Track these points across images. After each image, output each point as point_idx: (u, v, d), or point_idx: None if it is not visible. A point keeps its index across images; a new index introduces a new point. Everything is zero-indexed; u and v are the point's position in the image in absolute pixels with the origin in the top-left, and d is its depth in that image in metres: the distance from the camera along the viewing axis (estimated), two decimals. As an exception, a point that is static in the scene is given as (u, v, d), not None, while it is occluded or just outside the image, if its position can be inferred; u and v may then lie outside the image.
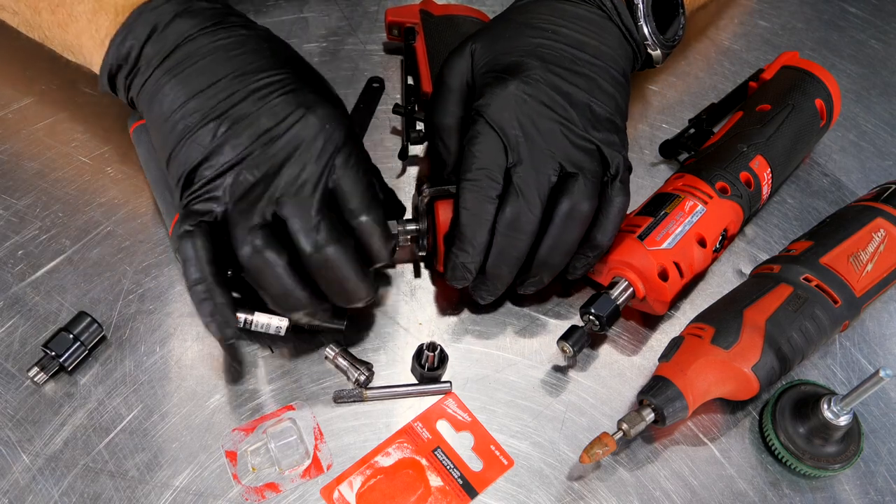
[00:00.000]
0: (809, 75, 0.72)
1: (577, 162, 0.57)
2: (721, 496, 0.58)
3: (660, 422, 0.57)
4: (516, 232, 0.57)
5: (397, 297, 0.66)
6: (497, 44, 0.61)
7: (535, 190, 0.56)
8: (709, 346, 0.58)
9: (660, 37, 0.64)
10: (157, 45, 0.55)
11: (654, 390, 0.57)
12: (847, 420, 0.57)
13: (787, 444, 0.58)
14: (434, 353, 0.61)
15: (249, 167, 0.53)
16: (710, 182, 0.65)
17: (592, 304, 0.61)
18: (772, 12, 0.90)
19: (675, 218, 0.63)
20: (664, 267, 0.61)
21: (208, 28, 0.56)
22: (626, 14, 0.62)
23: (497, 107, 0.58)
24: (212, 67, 0.55)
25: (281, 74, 0.56)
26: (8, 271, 0.64)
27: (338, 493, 0.56)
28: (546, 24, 0.61)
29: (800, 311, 0.59)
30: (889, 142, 0.80)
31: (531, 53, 0.60)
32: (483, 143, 0.57)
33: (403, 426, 0.60)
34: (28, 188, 0.69)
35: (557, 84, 0.59)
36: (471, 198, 0.57)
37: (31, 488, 0.55)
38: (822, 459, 0.58)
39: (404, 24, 0.78)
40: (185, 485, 0.56)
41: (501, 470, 0.58)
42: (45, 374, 0.58)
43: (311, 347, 0.63)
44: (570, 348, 0.60)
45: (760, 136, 0.68)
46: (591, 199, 0.57)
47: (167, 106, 0.55)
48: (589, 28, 0.61)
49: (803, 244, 0.64)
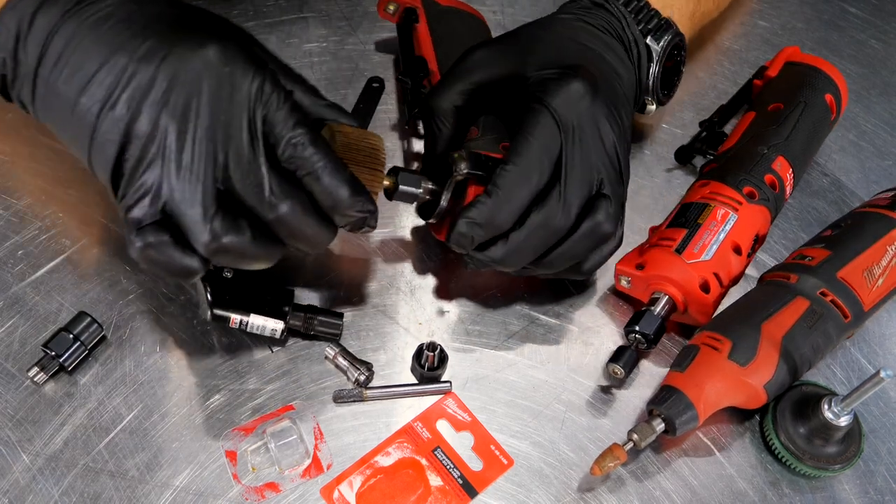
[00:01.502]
0: (816, 71, 0.72)
1: (613, 183, 0.57)
2: (721, 496, 0.58)
3: (670, 432, 0.57)
4: (544, 232, 0.56)
5: (397, 297, 0.66)
6: (551, 48, 0.60)
7: (576, 197, 0.55)
8: (726, 360, 0.57)
9: (660, 94, 0.66)
10: (29, 46, 0.49)
11: (666, 402, 0.56)
12: (848, 420, 0.56)
13: (787, 445, 0.58)
14: (434, 353, 0.61)
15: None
16: (737, 188, 0.65)
17: (637, 322, 0.60)
18: (772, 12, 0.90)
19: (709, 228, 0.62)
20: (705, 279, 0.61)
21: (72, 11, 0.49)
22: (645, 65, 0.64)
23: (563, 100, 0.56)
24: (93, 49, 0.48)
25: (158, 34, 0.48)
26: (8, 271, 0.64)
27: (338, 493, 0.56)
28: (593, 45, 0.61)
29: (814, 327, 0.59)
30: (889, 142, 0.80)
31: (590, 63, 0.59)
32: (542, 131, 0.55)
33: (403, 426, 0.60)
34: (28, 188, 0.69)
35: (613, 100, 0.58)
36: (510, 183, 0.55)
37: (31, 488, 0.55)
38: (822, 460, 0.58)
39: (403, 3, 0.77)
40: (185, 485, 0.56)
41: (501, 470, 0.58)
42: (45, 374, 0.58)
43: (311, 347, 0.63)
44: (620, 370, 0.60)
45: (778, 136, 0.68)
46: (615, 223, 0.57)
47: (62, 111, 0.49)
48: (621, 63, 0.62)
49: (820, 252, 0.63)
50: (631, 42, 0.63)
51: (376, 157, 0.57)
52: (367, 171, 0.56)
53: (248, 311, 0.58)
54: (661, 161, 0.76)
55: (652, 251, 0.63)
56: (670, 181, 0.75)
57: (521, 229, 0.55)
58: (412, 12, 0.77)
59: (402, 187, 0.58)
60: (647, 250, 0.63)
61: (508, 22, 0.84)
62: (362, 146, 0.56)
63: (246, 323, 0.59)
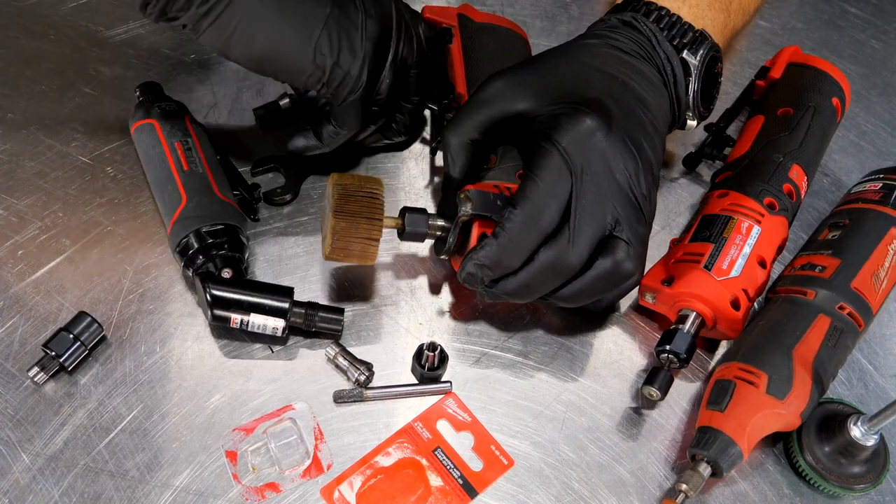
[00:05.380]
0: (822, 74, 0.72)
1: (632, 221, 0.55)
2: (721, 496, 0.58)
3: (717, 474, 0.56)
4: (552, 273, 0.54)
5: (397, 297, 0.66)
6: (567, 80, 0.58)
7: (586, 238, 0.53)
8: (764, 396, 0.56)
9: (700, 108, 0.62)
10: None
11: (712, 446, 0.55)
12: (875, 441, 0.56)
13: (812, 464, 0.57)
14: (434, 353, 0.61)
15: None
16: (758, 199, 0.64)
17: (668, 341, 0.59)
18: (772, 12, 0.90)
19: (735, 242, 0.62)
20: (736, 296, 0.60)
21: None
22: (682, 83, 0.61)
23: (573, 139, 0.54)
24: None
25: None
26: (8, 271, 0.64)
27: (338, 493, 0.56)
28: (616, 72, 0.59)
29: (837, 344, 0.58)
30: (889, 142, 0.80)
31: (608, 96, 0.56)
32: (550, 172, 0.53)
33: (403, 426, 0.60)
34: (28, 188, 0.69)
35: (632, 134, 0.56)
36: (518, 226, 0.53)
37: (31, 488, 0.55)
38: (848, 479, 0.57)
39: (440, 23, 0.75)
40: (185, 485, 0.56)
41: (501, 470, 0.58)
42: (45, 374, 0.58)
43: (312, 347, 0.63)
44: (656, 392, 0.59)
45: (792, 143, 0.68)
46: (637, 263, 0.55)
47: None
48: (650, 87, 0.59)
49: (830, 261, 0.62)
50: (664, 60, 0.60)
51: (374, 206, 0.58)
52: (364, 221, 0.58)
53: (249, 311, 0.58)
54: (666, 167, 0.76)
55: (679, 267, 0.62)
56: (675, 189, 0.75)
57: (530, 267, 0.54)
58: (447, 32, 0.75)
59: (408, 228, 0.60)
60: (673, 266, 0.63)
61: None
62: (360, 196, 0.58)
63: (247, 322, 0.59)
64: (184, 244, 0.61)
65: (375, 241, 0.58)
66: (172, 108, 0.68)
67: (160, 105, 0.68)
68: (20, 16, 0.82)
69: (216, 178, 0.65)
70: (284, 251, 0.68)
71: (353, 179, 0.59)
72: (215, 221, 0.61)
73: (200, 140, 0.67)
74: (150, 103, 0.68)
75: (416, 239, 0.61)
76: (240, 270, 0.61)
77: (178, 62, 0.80)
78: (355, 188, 0.58)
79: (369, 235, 0.58)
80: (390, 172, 0.74)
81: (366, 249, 0.58)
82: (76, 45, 0.80)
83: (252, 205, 0.69)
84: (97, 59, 0.79)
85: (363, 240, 0.58)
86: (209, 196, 0.63)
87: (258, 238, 0.68)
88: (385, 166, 0.74)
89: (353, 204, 0.57)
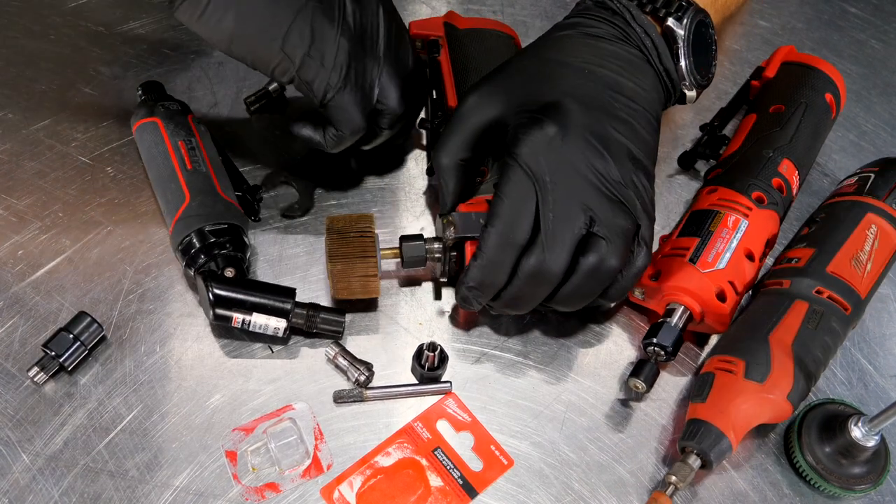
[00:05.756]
0: (815, 70, 0.72)
1: (608, 216, 0.54)
2: (721, 496, 0.58)
3: (707, 465, 0.56)
4: (536, 281, 0.55)
5: (397, 297, 0.66)
6: (531, 83, 0.58)
7: (562, 243, 0.54)
8: (743, 381, 0.56)
9: (697, 77, 0.61)
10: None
11: (697, 436, 0.55)
12: (875, 441, 0.56)
13: (813, 465, 0.58)
14: (434, 353, 0.61)
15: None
16: (745, 193, 0.64)
17: (654, 334, 0.59)
18: (772, 12, 0.90)
19: (721, 235, 0.62)
20: (721, 288, 0.60)
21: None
22: (666, 54, 0.59)
23: (531, 150, 0.54)
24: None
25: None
26: (8, 271, 0.64)
27: (338, 493, 0.56)
28: (583, 63, 0.58)
29: (819, 326, 0.58)
30: (889, 142, 0.80)
31: (569, 94, 0.56)
32: (514, 188, 0.54)
33: (403, 426, 0.60)
34: (28, 188, 0.69)
35: (596, 129, 0.55)
36: (493, 245, 0.54)
37: (31, 488, 0.55)
38: (848, 480, 0.57)
39: (428, 36, 0.75)
40: (185, 485, 0.56)
41: (501, 470, 0.58)
42: (45, 374, 0.58)
43: (312, 347, 0.63)
44: (642, 384, 0.59)
45: (783, 138, 0.68)
46: (619, 257, 0.55)
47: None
48: (626, 69, 0.58)
49: (805, 252, 0.63)
50: (640, 34, 0.59)
51: (366, 244, 0.61)
52: (359, 261, 0.60)
53: (251, 311, 0.58)
54: (662, 165, 0.76)
55: (665, 261, 0.62)
56: (673, 186, 0.75)
57: (516, 280, 0.55)
58: (435, 44, 0.74)
59: (406, 257, 0.62)
60: (661, 260, 0.63)
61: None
62: (351, 237, 0.61)
63: (248, 322, 0.59)
64: (186, 243, 0.61)
65: (373, 276, 0.61)
66: (175, 107, 0.68)
67: (163, 104, 0.68)
68: (20, 16, 0.82)
69: (219, 177, 0.65)
70: (285, 251, 0.68)
71: (345, 221, 0.62)
72: (218, 221, 0.61)
73: (203, 139, 0.67)
74: (153, 102, 0.68)
75: (417, 265, 0.62)
76: (242, 270, 0.61)
77: (178, 62, 0.80)
78: (346, 230, 0.61)
79: (366, 273, 0.61)
80: (390, 172, 0.74)
81: (367, 285, 0.61)
82: (76, 45, 0.80)
83: (253, 205, 0.69)
84: (97, 59, 0.79)
85: (361, 277, 0.61)
86: (212, 195, 0.63)
87: (259, 238, 0.68)
88: (385, 166, 0.74)
89: (346, 246, 0.60)
